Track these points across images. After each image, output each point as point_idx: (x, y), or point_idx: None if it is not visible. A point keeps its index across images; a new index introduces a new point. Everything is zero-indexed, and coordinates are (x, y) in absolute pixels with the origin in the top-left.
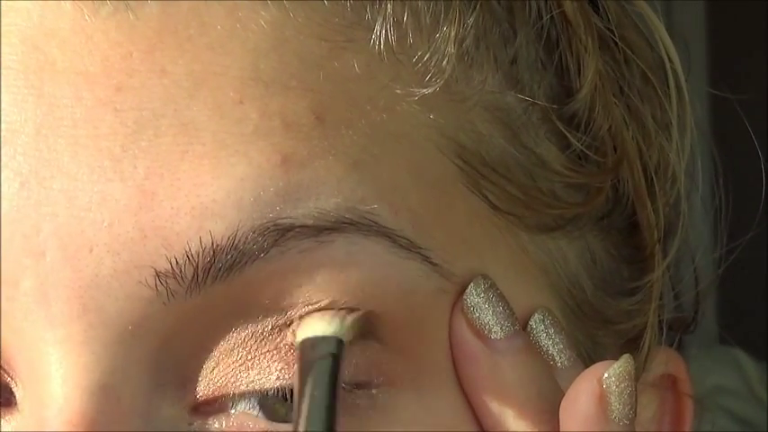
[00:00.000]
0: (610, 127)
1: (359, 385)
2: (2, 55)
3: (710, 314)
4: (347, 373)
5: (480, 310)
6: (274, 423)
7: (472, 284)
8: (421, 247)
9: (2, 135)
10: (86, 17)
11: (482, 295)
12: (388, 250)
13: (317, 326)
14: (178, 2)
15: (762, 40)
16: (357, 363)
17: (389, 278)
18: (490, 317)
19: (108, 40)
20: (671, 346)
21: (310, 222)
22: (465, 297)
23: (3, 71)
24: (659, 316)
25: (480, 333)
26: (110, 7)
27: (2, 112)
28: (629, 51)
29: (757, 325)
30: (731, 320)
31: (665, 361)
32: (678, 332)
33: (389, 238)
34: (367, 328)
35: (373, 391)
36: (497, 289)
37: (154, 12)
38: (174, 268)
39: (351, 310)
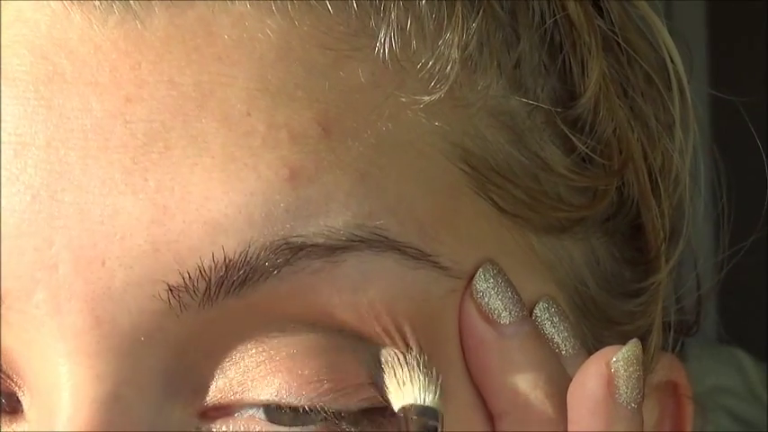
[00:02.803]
0: (614, 129)
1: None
2: (11, 66)
3: (711, 314)
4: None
5: (489, 295)
6: (278, 426)
7: (481, 270)
8: (430, 255)
9: (12, 148)
10: (95, 27)
11: (491, 281)
12: (399, 263)
13: (417, 392)
14: (185, 11)
15: (762, 40)
16: (372, 390)
17: (403, 292)
18: (498, 302)
19: (116, 50)
20: (673, 349)
21: (321, 241)
22: (474, 283)
23: (12, 83)
24: (663, 318)
25: (489, 318)
26: (117, 16)
27: (12, 125)
28: (632, 53)
29: (757, 325)
30: (731, 320)
31: (666, 366)
32: (680, 335)
33: (399, 250)
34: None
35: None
36: (505, 275)
37: (161, 21)
38: (187, 282)
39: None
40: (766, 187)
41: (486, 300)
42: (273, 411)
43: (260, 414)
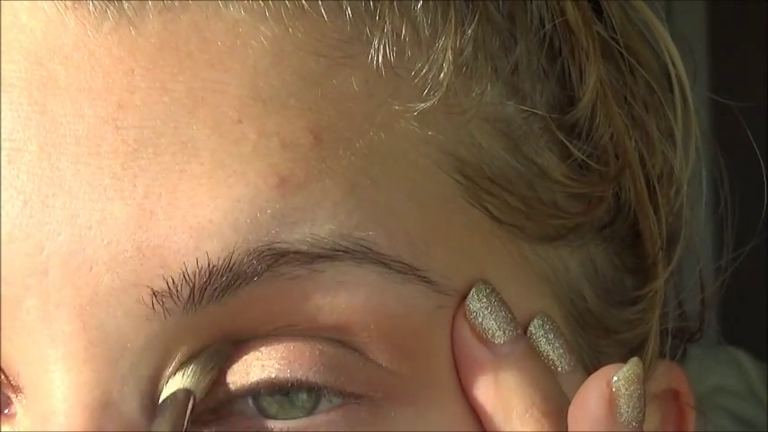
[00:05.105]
0: (611, 136)
1: (359, 397)
2: (6, 72)
3: (711, 314)
4: (354, 384)
5: (482, 315)
6: (269, 420)
7: (474, 290)
8: (418, 269)
9: (6, 154)
10: (89, 33)
11: (484, 300)
12: (383, 277)
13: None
14: (179, 16)
15: (763, 43)
16: (357, 377)
17: (383, 305)
18: (492, 322)
19: (110, 56)
20: (675, 356)
21: (304, 248)
22: (467, 303)
23: (6, 88)
24: (662, 325)
25: (483, 338)
26: (112, 22)
27: (6, 130)
28: (633, 60)
29: (757, 325)
30: (731, 320)
31: (666, 373)
32: (683, 341)
33: (384, 264)
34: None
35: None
36: (498, 294)
37: (155, 27)
38: (171, 288)
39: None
40: (765, 190)
41: (480, 320)
42: (261, 405)
43: (250, 409)
